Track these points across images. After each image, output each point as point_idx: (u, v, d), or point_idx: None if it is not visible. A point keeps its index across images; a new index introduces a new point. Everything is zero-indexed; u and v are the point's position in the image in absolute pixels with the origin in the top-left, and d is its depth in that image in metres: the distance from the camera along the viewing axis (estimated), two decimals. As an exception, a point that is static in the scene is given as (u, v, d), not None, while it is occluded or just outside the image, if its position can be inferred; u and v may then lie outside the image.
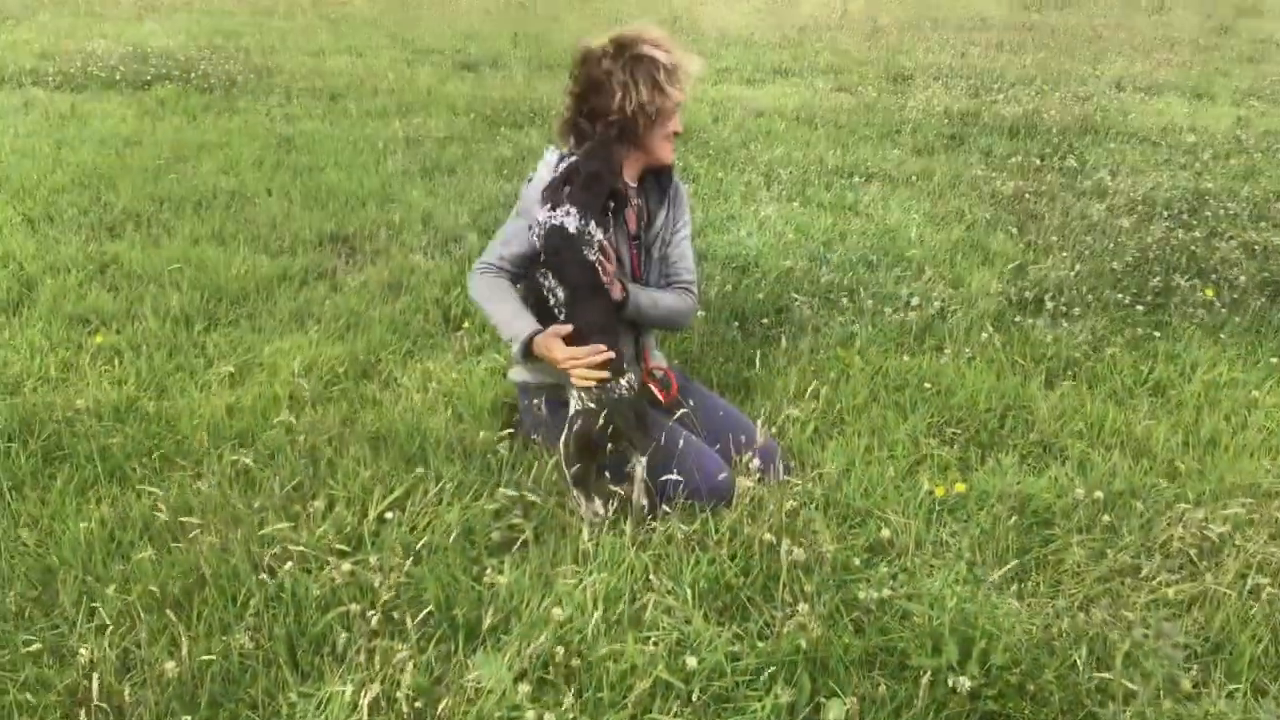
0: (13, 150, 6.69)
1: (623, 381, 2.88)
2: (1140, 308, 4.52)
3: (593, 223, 2.86)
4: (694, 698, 2.31)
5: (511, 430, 3.33)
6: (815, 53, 11.94)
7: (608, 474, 2.91)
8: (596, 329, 2.88)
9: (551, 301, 2.91)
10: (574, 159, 2.95)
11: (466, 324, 4.23)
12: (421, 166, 6.74)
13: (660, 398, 3.18)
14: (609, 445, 2.84)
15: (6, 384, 3.69)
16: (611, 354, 2.85)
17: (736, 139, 7.69)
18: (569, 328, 2.87)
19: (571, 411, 2.88)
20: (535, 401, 3.22)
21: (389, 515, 2.86)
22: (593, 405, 2.83)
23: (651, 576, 2.66)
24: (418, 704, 2.26)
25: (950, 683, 2.30)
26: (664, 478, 2.91)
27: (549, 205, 2.90)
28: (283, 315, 4.33)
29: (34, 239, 5.10)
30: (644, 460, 2.85)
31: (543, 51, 11.41)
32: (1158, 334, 4.28)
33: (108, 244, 5.09)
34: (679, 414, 3.12)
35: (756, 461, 2.98)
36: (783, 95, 9.54)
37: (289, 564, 2.63)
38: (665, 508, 2.89)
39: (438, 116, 8.24)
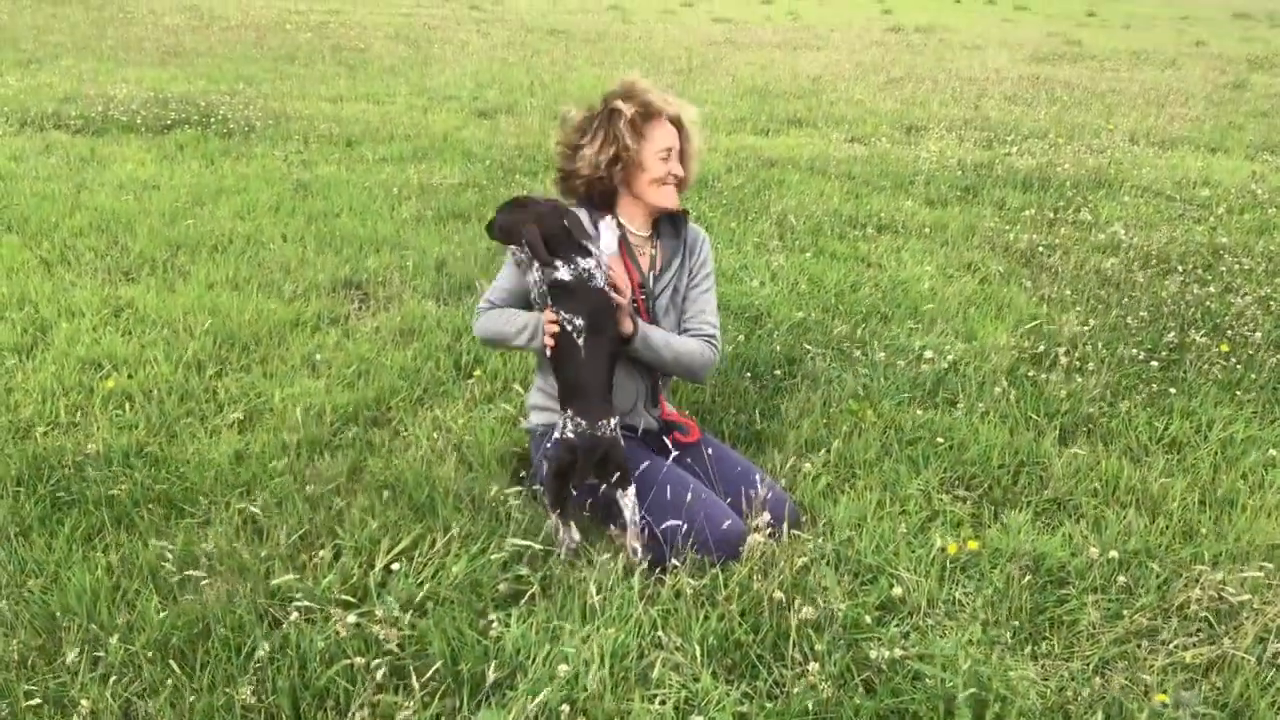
0: (32, 193, 6.76)
1: (611, 421, 2.89)
2: (1155, 363, 4.50)
3: (580, 260, 2.90)
4: (701, 759, 2.28)
5: (522, 480, 3.31)
6: (829, 103, 12.02)
7: (587, 506, 2.98)
8: (601, 359, 2.93)
9: (569, 329, 2.92)
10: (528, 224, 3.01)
11: (478, 372, 4.23)
12: (436, 213, 6.78)
13: (680, 440, 3.22)
14: (581, 476, 2.89)
15: (17, 427, 3.69)
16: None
17: (750, 189, 7.72)
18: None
19: (553, 439, 2.94)
20: (547, 445, 3.21)
21: (395, 566, 2.84)
22: (571, 437, 2.86)
23: (660, 632, 2.63)
24: (421, 762, 2.23)
25: (963, 748, 2.26)
26: (668, 523, 2.89)
27: (536, 270, 2.97)
28: (294, 361, 4.34)
29: (50, 282, 5.14)
30: (631, 503, 2.89)
31: (559, 99, 11.50)
32: (1173, 390, 4.25)
33: (123, 288, 5.12)
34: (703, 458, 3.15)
35: (767, 515, 2.95)
36: (796, 145, 9.59)
37: (294, 615, 2.61)
38: (674, 561, 2.86)
39: (453, 163, 8.31)
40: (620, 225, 3.24)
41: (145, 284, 5.19)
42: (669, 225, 3.33)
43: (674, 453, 3.18)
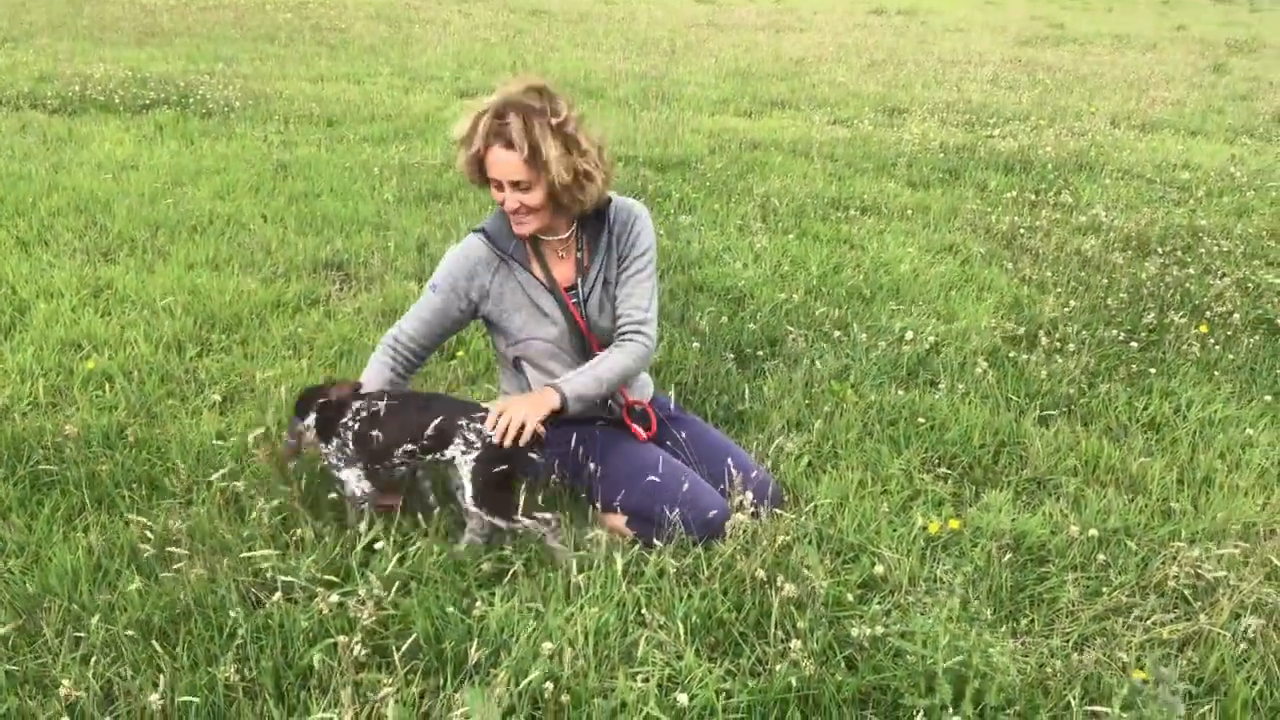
0: (8, 173, 6.69)
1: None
2: (1134, 344, 4.53)
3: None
4: (684, 736, 2.29)
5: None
6: (812, 85, 12.01)
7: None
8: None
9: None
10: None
11: (460, 353, 4.22)
12: (417, 193, 6.74)
13: (639, 436, 3.16)
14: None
15: (-4, 408, 3.66)
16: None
17: (733, 171, 7.71)
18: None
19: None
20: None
21: (378, 545, 2.83)
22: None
23: (643, 611, 2.63)
24: (404, 739, 2.23)
25: (944, 723, 2.28)
26: (652, 504, 2.90)
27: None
28: (275, 342, 4.32)
29: (28, 262, 5.09)
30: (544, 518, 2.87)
31: (541, 79, 11.44)
32: (1152, 370, 4.28)
33: (102, 269, 5.08)
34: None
35: (750, 495, 2.96)
36: (779, 127, 9.58)
37: (276, 595, 2.61)
38: (656, 540, 2.87)
39: (434, 143, 8.26)
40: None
41: (124, 264, 5.14)
42: (593, 216, 3.11)
43: (650, 434, 3.17)
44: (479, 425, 2.81)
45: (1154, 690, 2.33)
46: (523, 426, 2.76)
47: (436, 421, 2.84)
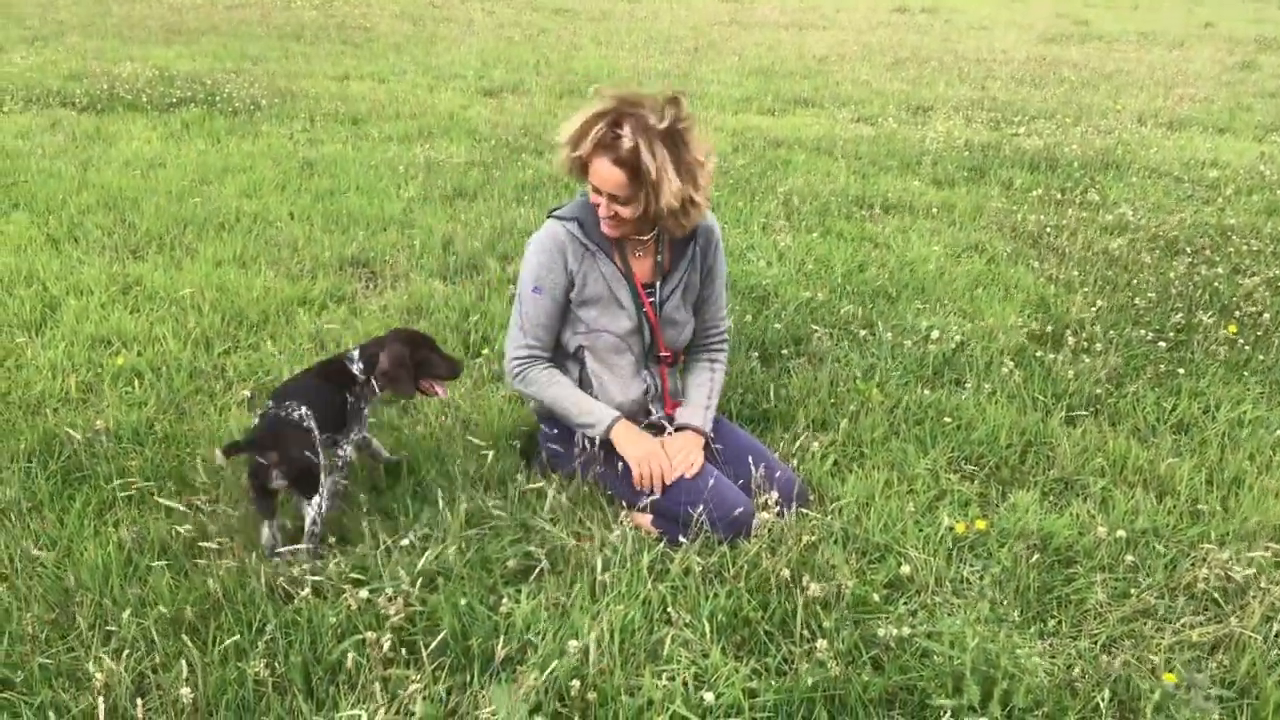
0: (39, 170, 6.77)
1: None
2: (1163, 344, 4.49)
3: None
4: (711, 734, 2.29)
5: (529, 461, 3.32)
6: (835, 83, 11.98)
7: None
8: None
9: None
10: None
11: (486, 350, 4.23)
12: (442, 191, 6.77)
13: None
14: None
15: (28, 404, 3.71)
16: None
17: (756, 169, 7.70)
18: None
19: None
20: (555, 431, 3.22)
21: (405, 542, 2.85)
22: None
23: (669, 609, 2.64)
24: (432, 735, 2.25)
25: (971, 724, 2.27)
26: (679, 504, 2.91)
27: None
28: (302, 339, 4.34)
29: (58, 259, 5.15)
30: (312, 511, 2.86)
31: (564, 78, 11.48)
32: (1181, 371, 4.25)
33: (131, 265, 5.12)
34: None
35: (775, 494, 2.96)
36: (803, 125, 9.56)
37: (305, 590, 2.63)
38: (682, 539, 2.87)
39: (459, 142, 8.29)
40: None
41: (153, 261, 5.19)
42: None
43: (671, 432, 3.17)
44: None
45: (1186, 695, 2.32)
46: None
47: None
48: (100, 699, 2.27)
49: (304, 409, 2.85)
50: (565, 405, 3.07)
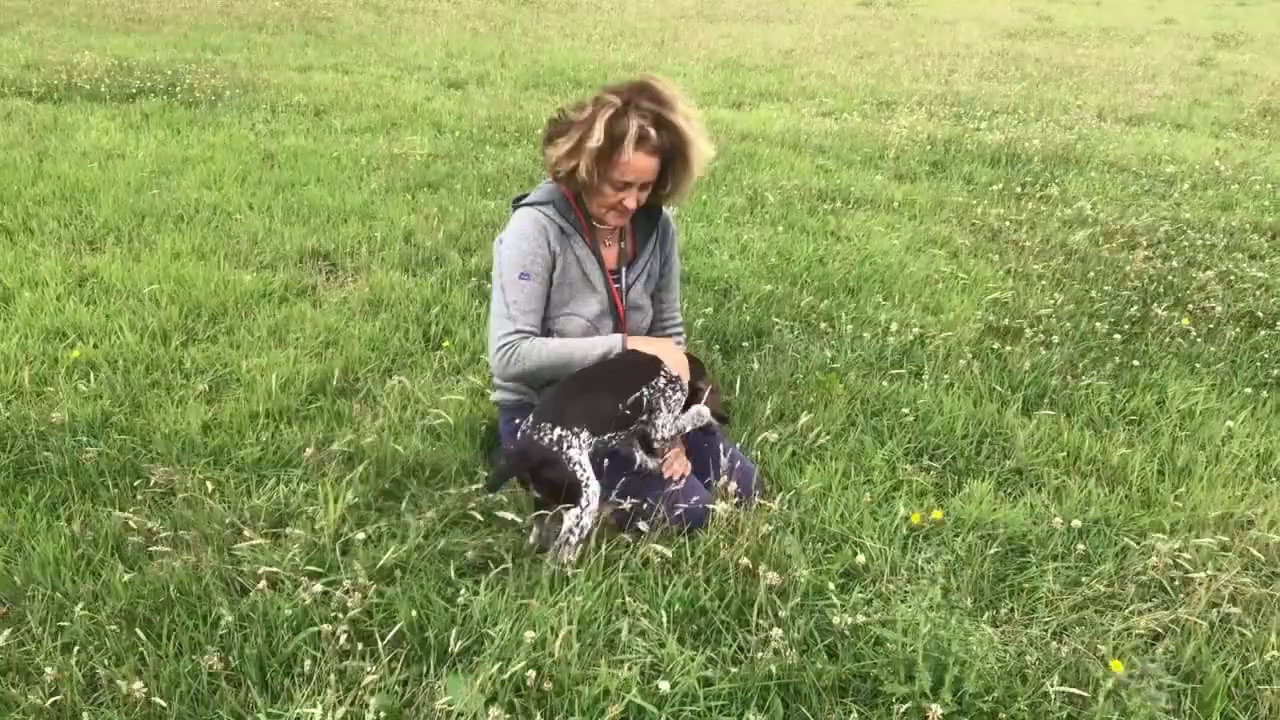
0: (-6, 161, 6.66)
1: (556, 431, 2.82)
2: (1118, 336, 4.55)
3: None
4: (666, 723, 2.30)
5: (490, 454, 3.32)
6: (801, 77, 12.02)
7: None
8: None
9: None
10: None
11: (446, 343, 4.22)
12: (405, 183, 6.73)
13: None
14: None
15: (-20, 397, 3.66)
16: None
17: (722, 162, 7.71)
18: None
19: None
20: (517, 421, 3.21)
21: (363, 535, 2.84)
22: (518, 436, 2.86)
23: (626, 599, 2.65)
24: (387, 726, 2.24)
25: (923, 710, 2.30)
26: (635, 497, 2.91)
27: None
28: (261, 332, 4.31)
29: (12, 250, 5.07)
30: (574, 517, 2.77)
31: (530, 70, 11.44)
32: (1136, 362, 4.31)
33: (87, 257, 5.06)
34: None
35: (733, 484, 2.97)
36: (768, 119, 9.59)
37: (261, 584, 2.61)
38: (641, 525, 2.88)
39: (423, 133, 8.25)
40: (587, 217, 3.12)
41: (110, 253, 5.13)
42: (643, 212, 3.19)
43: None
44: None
45: (1140, 683, 2.35)
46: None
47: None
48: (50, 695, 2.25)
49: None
50: (567, 352, 3.01)
